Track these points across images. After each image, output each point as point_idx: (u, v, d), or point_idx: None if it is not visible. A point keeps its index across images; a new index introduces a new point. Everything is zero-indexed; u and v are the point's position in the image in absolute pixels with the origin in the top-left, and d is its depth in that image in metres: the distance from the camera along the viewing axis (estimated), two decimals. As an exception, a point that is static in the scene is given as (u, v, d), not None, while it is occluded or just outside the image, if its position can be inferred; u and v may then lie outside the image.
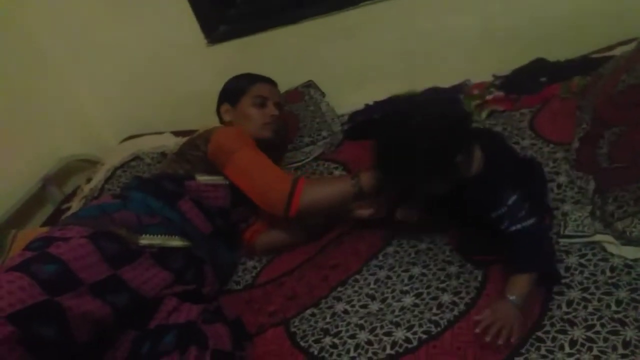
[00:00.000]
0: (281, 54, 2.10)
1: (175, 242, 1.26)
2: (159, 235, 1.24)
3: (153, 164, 2.03)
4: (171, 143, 2.06)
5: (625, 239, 1.10)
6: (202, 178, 1.43)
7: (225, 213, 1.44)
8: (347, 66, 2.09)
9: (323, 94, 2.09)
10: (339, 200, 1.32)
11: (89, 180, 2.08)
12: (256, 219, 1.51)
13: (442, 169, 1.06)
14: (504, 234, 1.08)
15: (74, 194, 2.11)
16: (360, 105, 2.01)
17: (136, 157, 2.07)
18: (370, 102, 2.00)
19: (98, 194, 1.93)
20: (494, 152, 1.15)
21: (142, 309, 1.13)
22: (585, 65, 1.70)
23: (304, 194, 1.29)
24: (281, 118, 1.64)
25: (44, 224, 1.97)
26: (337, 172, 1.69)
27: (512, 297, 1.02)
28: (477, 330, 0.99)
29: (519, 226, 1.06)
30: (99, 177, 2.04)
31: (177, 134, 2.16)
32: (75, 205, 1.97)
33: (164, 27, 2.15)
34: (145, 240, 1.21)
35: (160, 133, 2.21)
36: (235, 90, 1.63)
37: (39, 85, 2.22)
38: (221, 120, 1.67)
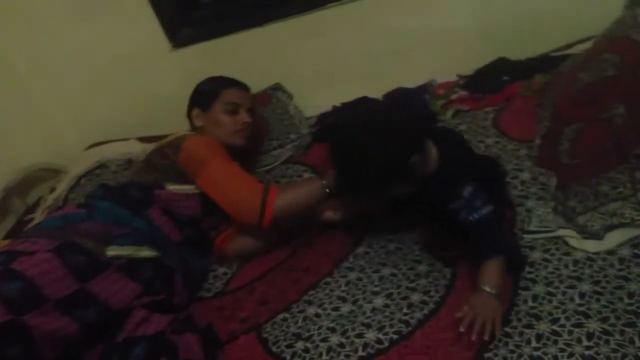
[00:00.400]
0: (248, 56, 2.08)
1: (144, 252, 1.23)
2: (127, 246, 1.21)
3: (119, 172, 1.99)
4: (137, 150, 2.02)
5: (587, 233, 1.13)
6: (172, 187, 1.41)
7: (196, 222, 1.42)
8: (314, 68, 2.09)
9: (291, 97, 2.08)
10: (310, 202, 1.33)
11: (52, 190, 2.02)
12: (227, 227, 1.49)
13: (398, 172, 1.09)
14: (464, 225, 1.11)
15: (37, 204, 2.05)
16: (328, 107, 2.02)
17: (101, 165, 2.03)
18: (338, 104, 2.01)
19: (62, 204, 1.87)
20: (448, 147, 1.19)
21: (110, 321, 1.10)
22: (546, 63, 1.75)
23: (276, 202, 1.30)
24: (253, 124, 1.62)
25: (6, 237, 1.91)
26: (306, 175, 1.68)
27: (486, 288, 1.02)
28: (462, 329, 0.97)
29: (476, 215, 1.09)
30: (62, 186, 1.98)
31: (143, 140, 2.12)
32: (39, 216, 1.91)
33: (126, 31, 2.11)
34: (112, 251, 1.18)
35: (126, 139, 2.17)
36: (206, 95, 1.59)
37: (-3, 91, 2.16)
38: (192, 125, 1.64)
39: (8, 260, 1.06)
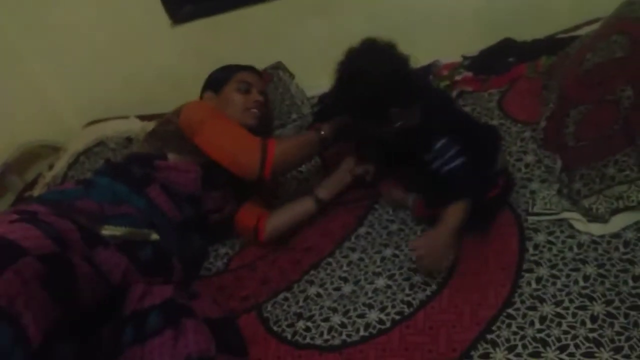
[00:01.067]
0: (249, 34, 2.05)
1: (140, 235, 1.21)
2: (122, 227, 1.19)
3: (118, 149, 1.97)
4: (137, 127, 2.01)
5: (592, 216, 1.12)
6: (174, 156, 1.39)
7: (196, 200, 1.40)
8: (316, 47, 2.05)
9: (292, 76, 2.05)
10: (307, 149, 1.37)
11: (51, 167, 2.01)
12: (231, 209, 1.47)
13: (376, 114, 1.15)
14: (438, 175, 1.15)
15: (35, 181, 2.04)
16: (329, 87, 1.99)
17: (100, 143, 2.01)
18: (340, 84, 1.98)
19: (61, 181, 1.86)
20: (431, 105, 1.21)
21: (110, 298, 1.08)
22: (552, 45, 1.72)
23: (276, 152, 1.31)
24: (265, 106, 1.60)
25: (4, 214, 1.90)
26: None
27: (442, 227, 1.08)
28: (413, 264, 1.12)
29: (447, 167, 1.13)
30: (61, 163, 1.97)
31: (142, 118, 2.10)
32: (38, 193, 1.90)
33: (126, 7, 2.08)
34: (107, 231, 1.15)
35: (126, 117, 2.15)
36: (218, 79, 1.58)
37: (-6, 67, 2.12)
38: None
39: (27, 214, 1.03)
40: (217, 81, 1.58)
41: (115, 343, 1.02)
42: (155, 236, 1.24)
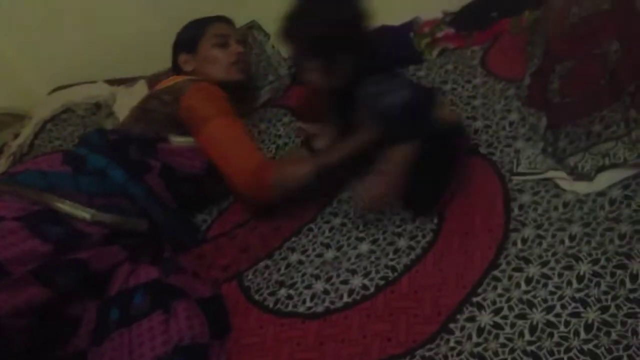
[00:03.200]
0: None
1: (130, 224, 1.16)
2: (112, 215, 1.12)
3: (87, 116, 1.89)
4: (105, 92, 1.92)
5: (577, 175, 1.10)
6: (177, 139, 1.31)
7: (199, 179, 1.33)
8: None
9: (268, 36, 1.97)
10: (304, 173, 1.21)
11: (16, 136, 1.92)
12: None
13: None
14: (386, 115, 1.09)
15: (0, 151, 1.95)
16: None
17: (68, 109, 1.92)
18: (317, 43, 1.91)
19: (28, 150, 1.79)
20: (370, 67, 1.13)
21: (96, 280, 1.03)
22: (535, -1, 1.67)
23: (274, 173, 1.21)
24: (247, 55, 1.52)
25: (-31, 186, 1.82)
26: (286, 119, 1.61)
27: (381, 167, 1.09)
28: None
29: (389, 98, 1.07)
30: (27, 131, 1.88)
31: (111, 82, 2.00)
32: (4, 162, 1.82)
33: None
34: (94, 217, 1.09)
35: (93, 82, 2.05)
36: (190, 38, 1.49)
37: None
38: (179, 73, 1.52)
39: None
40: (189, 40, 1.49)
41: (102, 324, 0.97)
42: (144, 225, 1.19)
